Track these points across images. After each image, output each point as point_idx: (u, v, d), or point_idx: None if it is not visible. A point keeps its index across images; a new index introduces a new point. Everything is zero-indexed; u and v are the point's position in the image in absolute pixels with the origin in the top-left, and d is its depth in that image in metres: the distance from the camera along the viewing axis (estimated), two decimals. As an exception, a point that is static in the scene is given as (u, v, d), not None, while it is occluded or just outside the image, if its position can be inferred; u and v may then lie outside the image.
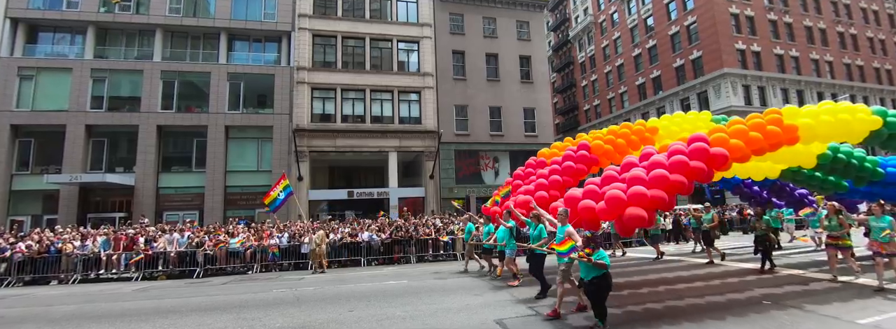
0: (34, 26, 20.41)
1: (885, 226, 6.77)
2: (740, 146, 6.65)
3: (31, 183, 18.65)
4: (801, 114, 7.27)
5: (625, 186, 6.26)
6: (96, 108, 19.73)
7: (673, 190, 6.21)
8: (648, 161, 6.61)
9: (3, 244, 11.74)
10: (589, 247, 5.10)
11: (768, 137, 6.78)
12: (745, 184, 12.82)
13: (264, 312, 6.72)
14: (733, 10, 29.72)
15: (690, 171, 6.32)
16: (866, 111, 7.50)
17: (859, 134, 7.48)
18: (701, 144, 6.53)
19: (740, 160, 6.78)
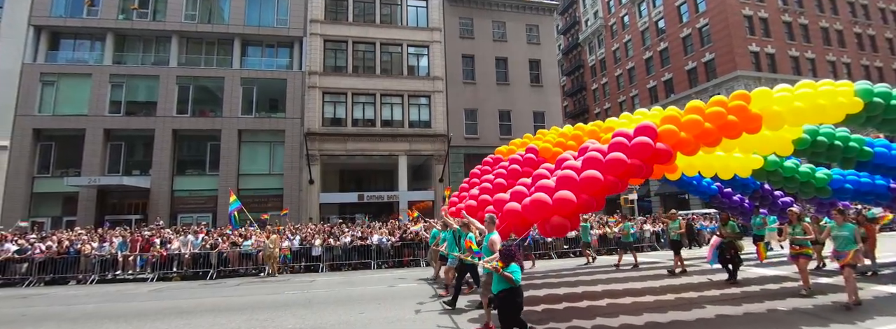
0: (56, 33, 21.06)
1: (846, 235, 6.18)
2: (689, 141, 5.97)
3: (51, 185, 19.16)
4: (773, 100, 6.58)
5: (553, 188, 5.67)
6: (114, 112, 20.23)
7: (604, 192, 5.68)
8: (584, 157, 5.99)
9: (25, 245, 12.08)
10: (502, 259, 4.64)
11: (724, 129, 6.10)
12: (725, 194, 12.34)
13: (276, 314, 6.82)
14: (747, 11, 29.36)
15: (627, 169, 5.69)
16: (847, 94, 6.76)
17: (834, 118, 6.79)
18: (645, 139, 5.78)
19: (688, 154, 6.22)
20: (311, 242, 13.26)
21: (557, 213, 5.44)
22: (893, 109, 6.87)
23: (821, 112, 6.55)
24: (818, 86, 6.76)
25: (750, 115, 6.21)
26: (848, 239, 6.14)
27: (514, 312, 4.56)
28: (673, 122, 6.15)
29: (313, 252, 13.02)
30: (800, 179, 9.32)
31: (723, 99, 6.34)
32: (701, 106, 6.30)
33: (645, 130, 5.90)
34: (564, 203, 5.39)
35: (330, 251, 13.23)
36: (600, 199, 5.72)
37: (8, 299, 9.22)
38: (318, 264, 12.90)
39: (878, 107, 6.77)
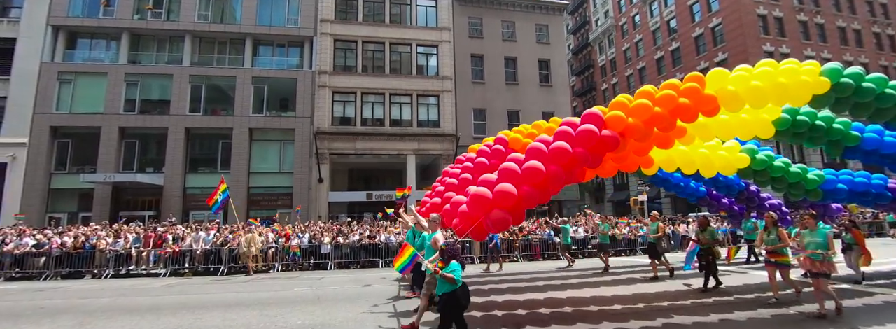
0: (74, 33, 21.50)
1: (819, 241, 5.72)
2: (638, 126, 5.68)
3: (68, 182, 19.58)
4: (729, 80, 6.24)
5: (495, 181, 5.43)
6: (129, 110, 20.61)
7: (549, 183, 5.36)
8: (527, 147, 5.73)
9: (43, 239, 12.37)
10: (443, 259, 4.44)
11: (677, 112, 5.77)
12: (713, 196, 11.92)
13: (286, 310, 6.90)
14: (761, 11, 28.90)
15: (572, 158, 5.41)
16: (812, 72, 6.37)
17: (799, 99, 6.41)
18: (589, 126, 5.53)
19: (641, 140, 5.92)
20: (320, 240, 13.38)
21: (498, 206, 5.16)
22: (866, 92, 6.42)
23: (783, 91, 6.16)
24: (780, 65, 6.44)
25: (703, 96, 5.90)
26: (821, 245, 5.67)
27: (455, 313, 4.30)
28: (620, 108, 5.87)
29: (322, 250, 13.13)
30: (789, 180, 8.62)
31: (675, 82, 6.07)
32: (651, 90, 6.03)
33: (589, 117, 5.71)
34: (504, 196, 5.12)
35: (339, 249, 13.34)
36: (545, 191, 5.38)
37: (26, 292, 9.46)
38: (328, 262, 13.02)
39: (847, 88, 6.36)
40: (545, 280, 9.77)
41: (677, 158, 8.13)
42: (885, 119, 6.88)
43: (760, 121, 7.11)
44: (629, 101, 5.97)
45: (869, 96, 6.43)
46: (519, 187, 5.20)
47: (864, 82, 6.49)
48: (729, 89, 6.02)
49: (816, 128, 7.55)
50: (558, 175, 5.33)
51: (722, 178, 10.66)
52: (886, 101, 6.53)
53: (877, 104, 6.56)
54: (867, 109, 6.64)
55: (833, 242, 5.73)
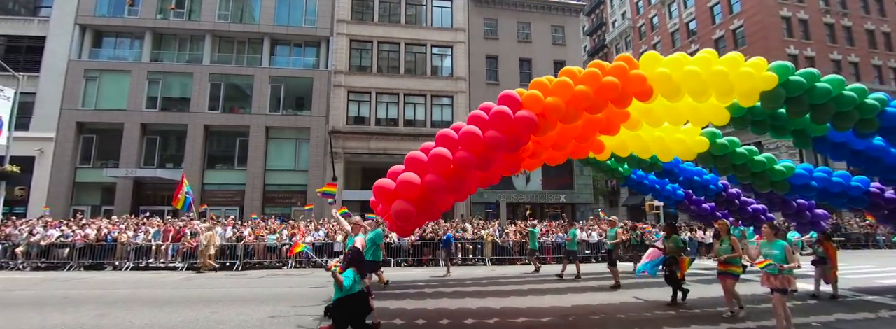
0: (99, 32, 22.16)
1: (776, 253, 5.22)
2: (559, 106, 5.30)
3: (92, 176, 20.20)
4: (662, 63, 5.96)
5: (402, 170, 5.17)
6: (151, 107, 21.16)
7: (460, 171, 4.96)
8: (439, 133, 5.34)
9: (68, 231, 12.78)
10: (345, 262, 4.27)
11: (603, 92, 5.43)
12: (693, 200, 11.29)
13: (299, 305, 7.03)
14: (785, 12, 28.19)
15: (485, 143, 5.02)
16: (757, 65, 6.00)
17: (746, 92, 5.97)
18: (502, 108, 5.18)
19: (563, 120, 5.55)
20: (333, 238, 13.52)
21: (401, 197, 4.89)
22: (820, 93, 6.00)
23: (723, 81, 5.86)
24: (716, 56, 6.23)
25: (630, 76, 5.60)
26: (778, 258, 5.16)
27: (348, 320, 4.04)
28: (538, 88, 5.61)
29: (335, 248, 13.27)
30: (752, 169, 7.88)
31: (603, 63, 5.85)
32: (576, 70, 5.81)
33: (504, 98, 5.47)
34: (406, 186, 4.85)
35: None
36: (458, 180, 5.05)
37: (52, 282, 9.80)
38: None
39: (797, 86, 5.96)
40: (494, 285, 9.55)
41: (630, 143, 7.75)
42: (847, 124, 6.37)
43: (712, 106, 6.61)
44: (549, 82, 5.76)
45: (824, 98, 6.01)
46: (423, 176, 4.91)
47: (819, 82, 6.10)
48: (661, 72, 5.75)
49: (778, 116, 6.88)
50: (468, 161, 4.98)
51: (697, 178, 10.12)
52: (845, 105, 6.12)
53: (835, 107, 6.15)
54: (826, 112, 6.20)
55: (793, 255, 5.20)
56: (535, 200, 24.12)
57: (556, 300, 7.76)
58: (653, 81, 5.76)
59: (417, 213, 4.98)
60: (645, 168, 9.79)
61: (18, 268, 11.98)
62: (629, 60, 5.85)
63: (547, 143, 6.47)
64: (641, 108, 6.44)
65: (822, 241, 7.94)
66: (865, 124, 6.32)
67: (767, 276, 5.19)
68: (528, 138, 5.57)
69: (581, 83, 5.51)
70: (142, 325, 5.87)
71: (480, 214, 21.30)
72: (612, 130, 6.55)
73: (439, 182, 4.89)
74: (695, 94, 5.96)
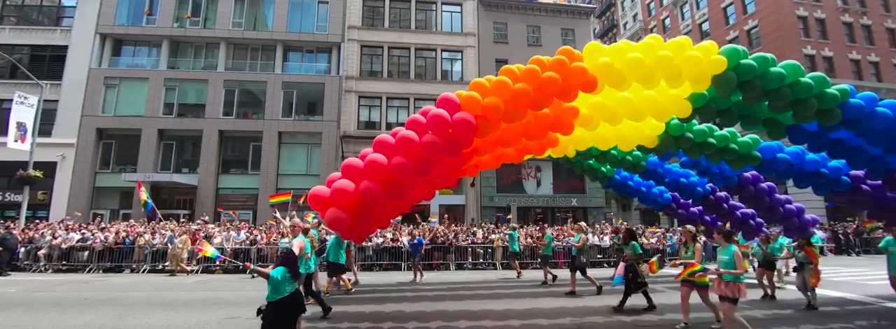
0: (119, 40, 22.81)
1: (726, 259, 5.03)
2: (497, 105, 5.17)
3: (111, 180, 20.72)
4: (603, 52, 5.79)
5: (338, 177, 5.11)
6: (167, 114, 21.65)
7: (397, 176, 4.90)
8: (377, 139, 5.29)
9: (88, 234, 13.12)
10: (277, 262, 4.21)
11: (545, 87, 5.30)
12: (681, 204, 10.88)
13: (315, 308, 7.08)
14: (801, 12, 27.68)
15: (424, 148, 4.94)
16: (707, 49, 5.79)
17: (695, 77, 5.77)
18: (439, 112, 5.08)
19: (505, 120, 5.40)
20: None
21: (335, 205, 4.84)
22: (774, 78, 5.76)
23: (669, 66, 5.63)
24: (661, 41, 6.02)
25: (571, 68, 5.46)
26: (728, 264, 4.96)
27: (276, 323, 3.89)
28: (477, 88, 5.48)
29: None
30: (716, 145, 7.56)
31: (542, 58, 5.71)
32: (515, 68, 5.67)
33: (442, 102, 5.38)
34: (340, 193, 4.81)
35: (362, 251, 13.53)
36: (396, 187, 4.95)
37: (72, 284, 10.05)
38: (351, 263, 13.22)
39: (748, 70, 5.76)
40: (461, 290, 9.36)
41: (587, 135, 7.51)
42: (807, 114, 6.08)
43: (671, 98, 6.36)
44: (489, 82, 5.64)
45: (777, 83, 5.78)
46: (358, 182, 4.86)
47: (773, 67, 5.88)
48: (603, 62, 5.60)
49: (745, 105, 6.59)
50: (404, 167, 4.90)
51: (684, 180, 9.81)
52: (801, 92, 5.87)
53: (792, 94, 5.89)
54: (781, 99, 5.93)
55: (742, 262, 4.98)
56: (546, 204, 23.96)
57: (502, 304, 7.64)
58: (596, 72, 5.65)
59: (353, 221, 4.93)
60: (627, 168, 9.48)
61: (40, 270, 12.32)
62: (569, 53, 5.75)
63: (495, 142, 6.38)
64: (594, 103, 6.31)
65: (802, 246, 7.55)
66: (826, 115, 6.07)
67: (718, 283, 4.99)
68: (470, 140, 5.47)
69: (520, 81, 5.41)
70: (159, 327, 5.99)
71: (490, 219, 21.22)
72: (564, 128, 6.40)
73: (375, 189, 4.82)
74: (642, 80, 5.81)
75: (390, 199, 5.10)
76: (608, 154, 9.03)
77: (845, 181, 8.00)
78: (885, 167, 7.21)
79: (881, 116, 6.14)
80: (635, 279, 7.02)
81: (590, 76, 5.58)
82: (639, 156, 9.21)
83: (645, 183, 10.58)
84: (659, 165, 9.62)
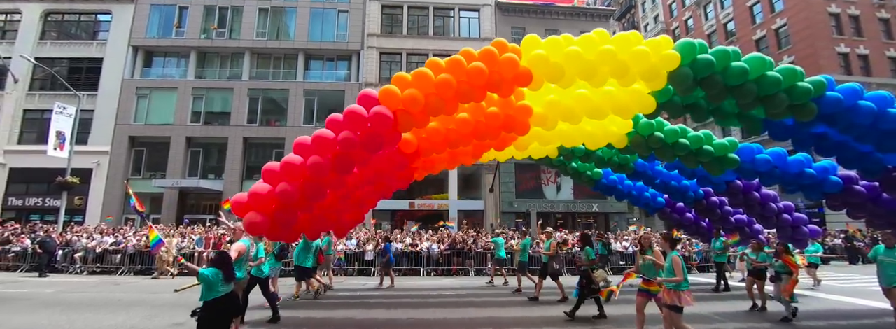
0: (150, 52, 23.84)
1: (667, 266, 4.87)
2: (416, 98, 5.04)
3: (142, 186, 21.48)
4: (540, 45, 5.55)
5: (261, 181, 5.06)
6: (194, 122, 22.43)
7: (316, 177, 4.79)
8: (296, 141, 5.26)
9: (120, 238, 13.63)
10: (209, 263, 4.18)
11: (469, 78, 5.10)
12: (676, 209, 10.26)
13: (332, 311, 7.21)
14: (833, 9, 26.63)
15: (342, 145, 4.85)
16: (658, 44, 5.43)
17: (645, 73, 5.40)
18: (356, 108, 5.02)
19: (430, 113, 5.25)
20: (364, 247, 13.72)
21: (253, 208, 4.82)
22: (736, 73, 5.34)
23: (611, 60, 5.29)
24: (607, 35, 5.68)
25: (500, 60, 5.24)
26: (668, 271, 4.81)
27: (210, 324, 3.91)
28: (397, 83, 5.31)
29: (366, 256, 13.45)
30: (690, 146, 7.04)
31: (472, 50, 5.47)
32: (441, 61, 5.45)
33: (361, 98, 5.26)
34: (256, 197, 4.81)
35: (381, 256, 13.58)
36: (315, 187, 4.88)
37: (105, 285, 10.46)
38: (371, 268, 13.30)
39: (706, 66, 5.33)
40: (427, 298, 9.16)
41: (551, 133, 7.16)
42: (779, 110, 5.61)
43: (633, 93, 5.96)
44: (411, 75, 5.49)
45: (740, 78, 5.35)
46: (275, 184, 4.83)
47: (734, 62, 5.41)
48: (537, 54, 5.36)
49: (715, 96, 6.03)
50: (321, 166, 4.83)
51: (674, 183, 9.28)
52: (768, 87, 5.39)
53: (758, 90, 5.43)
54: (747, 96, 5.51)
55: (681, 269, 4.71)
56: (566, 210, 23.60)
57: (463, 313, 7.38)
58: (530, 65, 5.45)
59: (273, 224, 4.89)
60: (615, 168, 9.05)
61: (76, 271, 12.86)
62: (501, 45, 5.54)
63: (443, 143, 6.23)
64: (550, 102, 6.10)
65: (780, 255, 6.96)
66: (800, 111, 5.58)
67: (666, 291, 4.82)
68: (393, 135, 5.36)
69: (444, 72, 5.27)
70: (190, 327, 6.14)
71: (510, 224, 21.03)
72: (518, 127, 6.19)
73: (291, 191, 4.74)
74: (585, 76, 5.56)
75: (310, 199, 5.05)
76: (594, 154, 8.62)
77: (835, 182, 7.32)
78: (878, 165, 6.57)
79: (864, 111, 5.54)
80: (589, 285, 6.75)
81: (521, 69, 5.41)
82: (626, 157, 8.74)
83: (636, 186, 10.16)
84: (648, 167, 9.11)
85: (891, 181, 6.64)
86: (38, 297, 8.59)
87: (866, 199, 7.33)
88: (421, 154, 6.37)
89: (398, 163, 6.08)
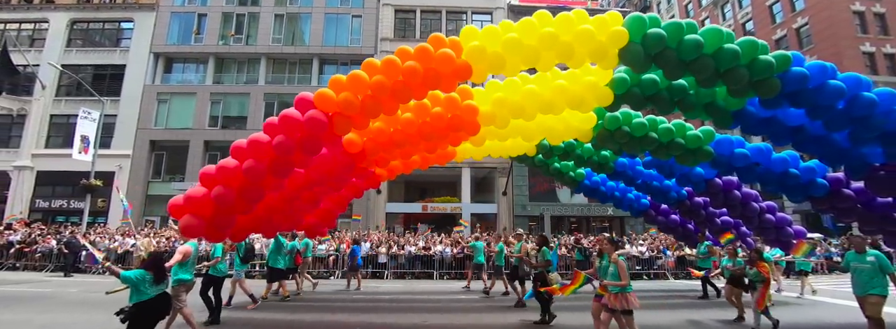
0: (170, 59, 24.49)
1: (612, 270, 4.76)
2: (351, 100, 5.05)
3: (162, 189, 22.05)
4: (476, 35, 5.40)
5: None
6: (213, 126, 22.91)
7: (252, 179, 4.85)
8: (233, 145, 5.35)
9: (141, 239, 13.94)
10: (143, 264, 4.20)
11: (409, 77, 5.07)
12: (661, 211, 9.85)
13: (349, 315, 7.20)
14: (856, 7, 25.86)
15: (276, 148, 4.90)
16: (603, 21, 5.14)
17: (594, 54, 5.16)
18: (291, 112, 5.13)
19: (368, 114, 5.25)
20: (377, 250, 13.77)
21: (189, 211, 4.87)
22: (689, 47, 5.02)
23: (555, 43, 5.07)
24: (548, 18, 5.37)
25: (435, 56, 5.11)
26: (613, 275, 4.70)
27: (138, 324, 3.97)
28: (333, 85, 5.31)
29: (379, 259, 13.49)
30: (660, 139, 6.65)
31: (408, 48, 5.37)
32: (376, 61, 5.39)
33: (297, 102, 5.32)
34: (191, 200, 4.86)
35: (395, 259, 13.62)
36: (251, 191, 4.92)
37: (126, 287, 10.67)
38: (384, 271, 13.33)
39: (657, 41, 5.01)
40: (392, 302, 8.95)
41: (507, 131, 6.94)
42: (740, 87, 5.25)
43: (586, 85, 5.72)
44: (347, 77, 5.46)
45: (694, 52, 5.03)
46: (210, 187, 4.89)
47: (688, 35, 5.08)
48: (474, 46, 5.22)
49: (677, 88, 5.73)
50: (257, 170, 4.88)
51: (656, 183, 8.95)
52: (726, 61, 5.03)
53: (715, 64, 5.08)
54: (704, 71, 5.15)
55: (625, 273, 4.63)
56: (580, 214, 23.30)
57: (423, 317, 7.18)
58: (469, 58, 5.31)
59: (209, 227, 4.94)
60: (594, 168, 8.78)
61: (99, 272, 13.19)
62: (437, 41, 5.40)
63: (389, 144, 6.20)
64: (497, 99, 5.96)
65: (754, 262, 6.41)
66: (763, 87, 5.21)
67: (609, 296, 4.72)
68: (330, 137, 5.40)
69: (378, 73, 5.24)
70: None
71: (524, 228, 20.87)
72: (467, 127, 6.06)
73: (226, 194, 4.80)
74: (529, 62, 5.39)
75: (248, 202, 5.13)
76: (573, 153, 8.41)
77: (821, 184, 6.83)
78: (861, 163, 6.02)
79: (833, 90, 5.11)
80: (541, 288, 6.42)
81: (458, 63, 5.28)
82: (606, 156, 8.51)
83: (619, 188, 9.88)
84: (629, 167, 8.83)
85: (877, 181, 6.04)
86: (63, 297, 8.83)
87: (855, 204, 6.81)
88: (368, 154, 6.39)
89: (345, 163, 6.13)
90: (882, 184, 6.03)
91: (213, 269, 6.48)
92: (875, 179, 6.05)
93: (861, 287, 5.19)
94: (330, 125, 5.16)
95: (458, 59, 5.29)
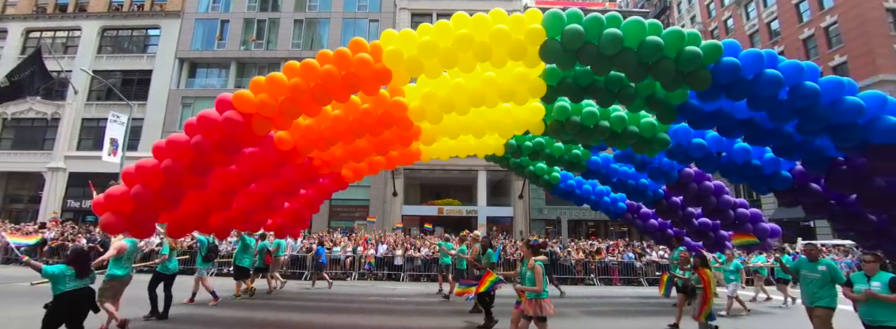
0: (194, 64, 25.26)
1: (529, 276, 4.61)
2: (268, 102, 5.20)
3: (184, 191, 22.67)
4: (394, 39, 5.50)
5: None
6: (234, 129, 23.46)
7: (172, 179, 5.02)
8: (155, 144, 5.58)
9: (164, 240, 14.37)
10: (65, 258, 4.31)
11: (327, 81, 5.23)
12: (641, 215, 9.48)
13: (364, 317, 7.24)
14: (890, 4, 24.85)
15: (195, 148, 5.07)
16: (519, 20, 5.08)
17: (514, 53, 5.12)
18: (210, 112, 5.27)
19: (286, 116, 5.42)
20: (393, 252, 13.84)
21: (109, 209, 5.02)
22: (609, 42, 4.83)
23: (471, 45, 5.08)
24: (464, 18, 5.40)
25: (353, 60, 5.21)
26: (529, 280, 4.56)
27: (55, 319, 4.08)
28: (252, 87, 5.43)
29: (396, 261, 13.55)
30: (612, 128, 6.45)
31: (328, 51, 5.50)
32: (296, 64, 5.45)
33: (217, 103, 5.42)
34: (111, 198, 5.01)
35: (411, 261, 13.66)
36: (171, 189, 5.06)
37: (151, 285, 11.00)
38: (400, 273, 13.38)
39: (575, 37, 4.87)
40: (358, 303, 8.78)
41: (454, 126, 6.82)
42: (669, 81, 5.07)
43: (516, 77, 5.62)
44: (266, 79, 5.53)
45: (616, 46, 4.88)
46: (131, 186, 5.04)
47: (609, 28, 4.89)
48: (391, 50, 5.32)
49: (615, 80, 5.52)
50: (175, 169, 5.02)
51: (631, 182, 8.65)
52: (650, 54, 4.86)
53: (638, 58, 4.92)
54: (629, 65, 5.00)
55: (541, 279, 4.48)
56: (598, 217, 22.93)
57: (379, 320, 7.02)
58: (386, 62, 5.40)
59: (129, 223, 5.12)
60: (566, 167, 8.59)
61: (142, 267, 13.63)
62: (357, 45, 5.50)
63: (320, 141, 6.27)
64: (426, 94, 5.94)
65: (696, 267, 6.09)
66: (693, 79, 5.02)
67: (525, 301, 4.60)
68: (250, 137, 5.49)
69: (296, 76, 5.37)
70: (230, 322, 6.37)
71: (540, 232, 20.67)
72: (400, 123, 6.11)
73: (147, 194, 4.97)
74: (445, 65, 5.44)
75: (169, 200, 5.27)
76: (542, 152, 8.27)
77: (785, 177, 6.47)
78: (818, 156, 5.67)
79: (769, 79, 4.85)
80: (486, 292, 6.26)
81: (376, 67, 5.37)
82: (578, 154, 8.33)
83: (595, 190, 9.67)
84: (602, 165, 8.62)
85: (838, 176, 5.65)
86: (92, 294, 9.15)
87: (823, 199, 6.40)
88: (301, 152, 6.52)
89: (276, 161, 6.30)
90: (843, 179, 5.67)
91: (162, 267, 6.66)
92: (836, 174, 5.72)
93: (809, 298, 4.95)
94: (247, 125, 5.31)
95: (377, 63, 5.45)
